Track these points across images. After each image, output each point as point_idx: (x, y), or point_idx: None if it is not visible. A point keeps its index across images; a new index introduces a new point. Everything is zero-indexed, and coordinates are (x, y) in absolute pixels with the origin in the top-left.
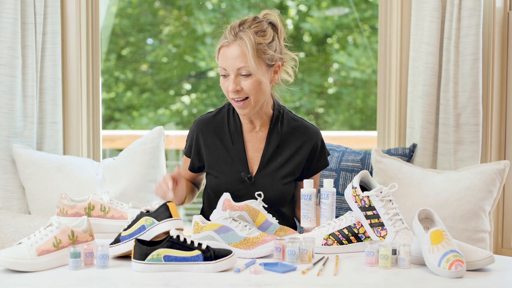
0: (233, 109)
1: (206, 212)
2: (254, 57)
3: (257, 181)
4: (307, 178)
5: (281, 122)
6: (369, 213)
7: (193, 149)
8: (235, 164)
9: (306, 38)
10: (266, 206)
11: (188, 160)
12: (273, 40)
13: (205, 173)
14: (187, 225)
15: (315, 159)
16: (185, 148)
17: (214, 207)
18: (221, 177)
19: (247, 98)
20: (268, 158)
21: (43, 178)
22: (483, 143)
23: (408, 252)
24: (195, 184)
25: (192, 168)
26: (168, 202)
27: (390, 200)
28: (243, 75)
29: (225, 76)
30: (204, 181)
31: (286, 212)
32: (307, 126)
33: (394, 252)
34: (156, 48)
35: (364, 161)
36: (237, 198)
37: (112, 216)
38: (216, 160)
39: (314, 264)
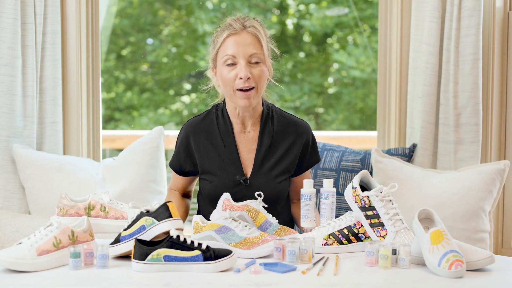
0: (222, 111)
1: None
2: (266, 45)
3: (252, 182)
4: (300, 174)
5: (271, 120)
6: (369, 213)
7: (184, 153)
8: (228, 167)
9: (306, 38)
10: (266, 206)
11: (177, 169)
12: (268, 36)
13: (196, 179)
14: (187, 225)
15: (307, 154)
16: (172, 159)
17: (211, 211)
18: (215, 181)
19: (253, 88)
20: (261, 158)
21: (43, 178)
22: (483, 143)
23: (408, 252)
24: (187, 196)
25: (181, 171)
26: (168, 202)
27: (390, 200)
28: (253, 63)
29: (232, 64)
30: (196, 187)
31: (282, 209)
32: (297, 122)
33: (394, 252)
34: (156, 48)
35: (364, 161)
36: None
37: (112, 216)
38: (209, 164)
39: (314, 264)
